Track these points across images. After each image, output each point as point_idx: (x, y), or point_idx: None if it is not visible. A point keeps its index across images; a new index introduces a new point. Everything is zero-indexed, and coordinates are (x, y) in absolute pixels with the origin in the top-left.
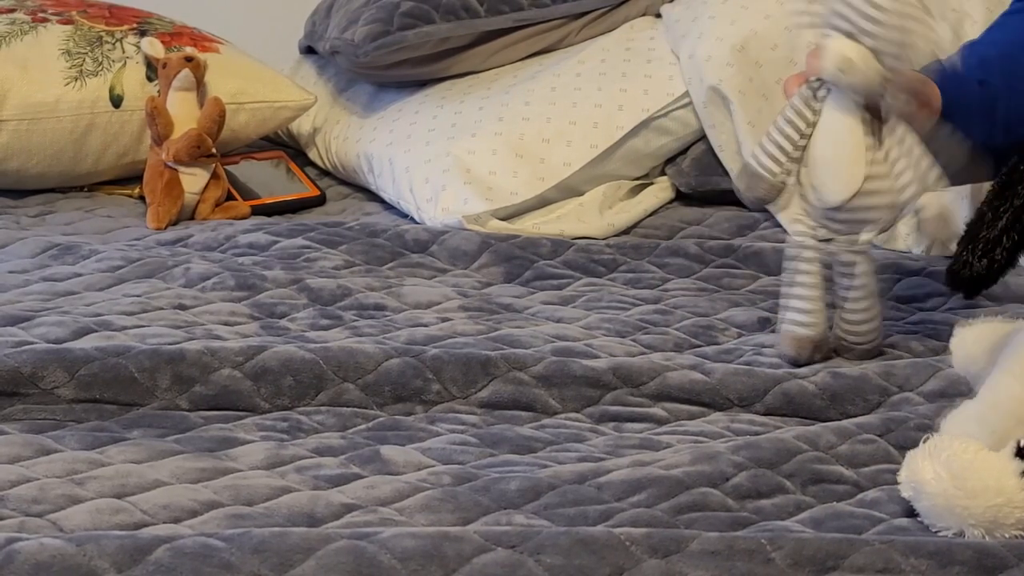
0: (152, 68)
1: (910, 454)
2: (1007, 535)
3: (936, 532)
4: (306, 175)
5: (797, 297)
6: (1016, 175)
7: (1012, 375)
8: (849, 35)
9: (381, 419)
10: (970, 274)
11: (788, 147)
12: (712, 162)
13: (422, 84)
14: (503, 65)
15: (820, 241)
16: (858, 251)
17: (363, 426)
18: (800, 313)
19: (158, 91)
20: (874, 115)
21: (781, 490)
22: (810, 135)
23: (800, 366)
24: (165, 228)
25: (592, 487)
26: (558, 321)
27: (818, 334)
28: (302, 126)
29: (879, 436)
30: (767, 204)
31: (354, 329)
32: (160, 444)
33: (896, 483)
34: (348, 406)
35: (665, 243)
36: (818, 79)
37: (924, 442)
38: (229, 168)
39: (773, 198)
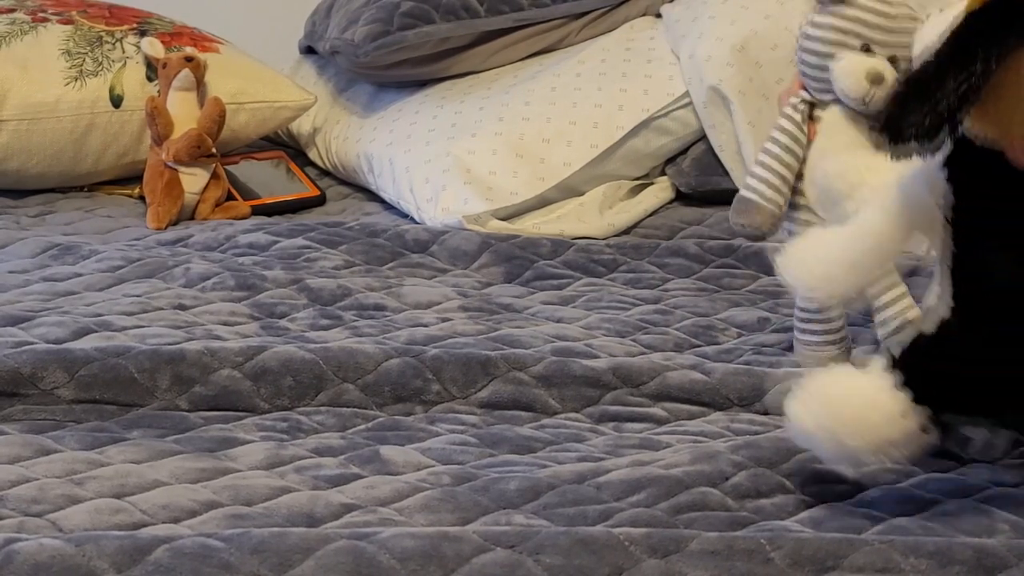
0: (152, 68)
1: (787, 402)
2: (905, 452)
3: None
4: (306, 175)
5: (822, 320)
6: (978, 44)
7: (879, 210)
8: (865, 49)
9: (381, 419)
10: (918, 133)
11: (788, 174)
12: (712, 162)
13: (422, 84)
14: (503, 65)
15: None
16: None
17: (363, 426)
18: (827, 334)
19: (158, 91)
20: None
21: (781, 490)
22: (805, 158)
23: None
24: (165, 228)
25: (591, 487)
26: (558, 321)
27: (843, 350)
28: (302, 126)
29: None
30: (766, 235)
31: (354, 329)
32: (160, 444)
33: (896, 483)
34: (348, 406)
35: (665, 243)
36: (801, 99)
37: (793, 385)
38: (229, 168)
39: (775, 228)
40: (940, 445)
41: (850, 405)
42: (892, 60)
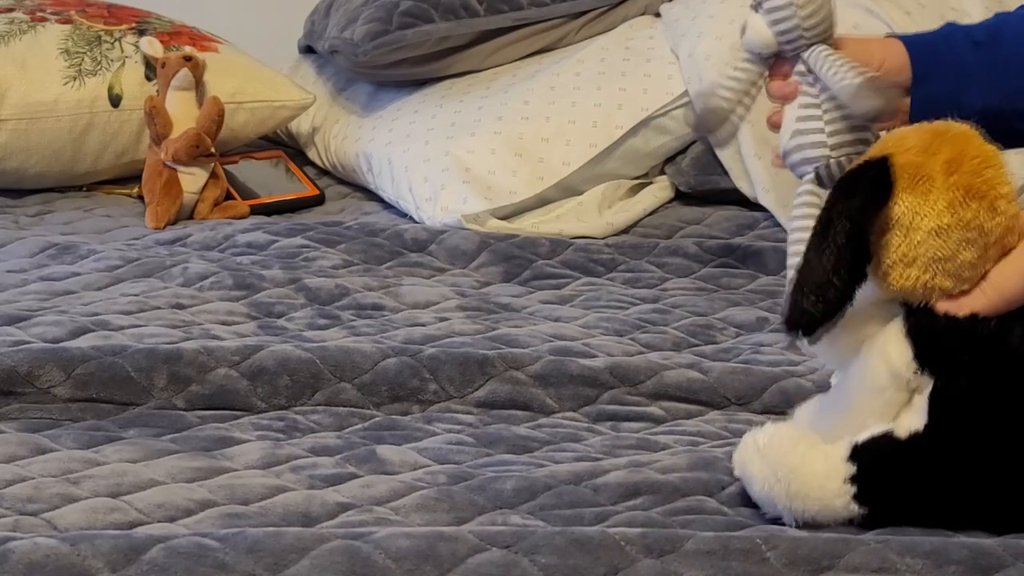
0: (151, 67)
1: (745, 438)
2: (827, 523)
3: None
4: (305, 174)
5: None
6: (835, 216)
7: (862, 392)
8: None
9: (378, 419)
10: (807, 320)
11: (739, 86)
12: (711, 161)
13: (421, 83)
14: (502, 64)
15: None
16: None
17: (359, 426)
18: None
19: (157, 90)
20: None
21: None
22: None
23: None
24: (164, 228)
25: (588, 488)
26: (556, 320)
27: None
28: (301, 125)
29: None
30: (718, 137)
31: (352, 329)
32: (156, 443)
33: None
34: (345, 406)
35: (664, 243)
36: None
37: (757, 429)
38: (228, 167)
39: (718, 125)
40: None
41: (799, 481)
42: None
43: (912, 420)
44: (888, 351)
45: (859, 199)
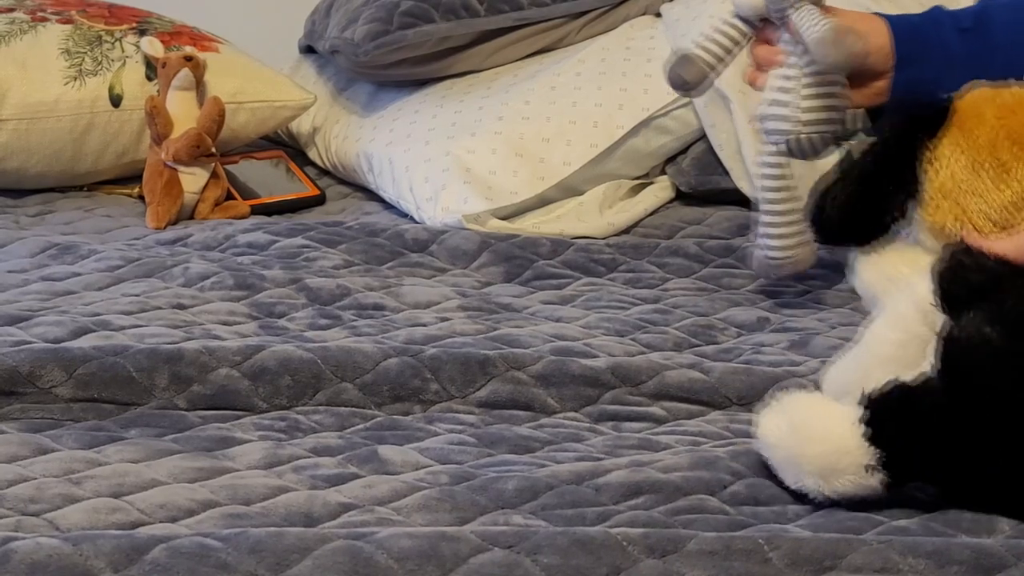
0: (152, 67)
1: (763, 413)
2: (842, 481)
3: (786, 487)
4: (306, 175)
5: (770, 224)
6: (877, 135)
7: (884, 319)
8: None
9: (379, 419)
10: (824, 223)
11: (727, 42)
12: (712, 161)
13: (422, 83)
14: (503, 64)
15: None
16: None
17: (361, 426)
18: (777, 239)
19: (157, 90)
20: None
21: (780, 499)
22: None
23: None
24: (164, 228)
25: (590, 488)
26: (557, 321)
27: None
28: (302, 125)
29: None
30: (693, 90)
31: (353, 329)
32: (158, 443)
33: None
34: (346, 406)
35: (665, 243)
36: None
37: (775, 400)
38: (229, 168)
39: (700, 82)
40: (883, 493)
41: (809, 426)
42: None
43: (924, 364)
44: (915, 283)
45: (900, 122)
